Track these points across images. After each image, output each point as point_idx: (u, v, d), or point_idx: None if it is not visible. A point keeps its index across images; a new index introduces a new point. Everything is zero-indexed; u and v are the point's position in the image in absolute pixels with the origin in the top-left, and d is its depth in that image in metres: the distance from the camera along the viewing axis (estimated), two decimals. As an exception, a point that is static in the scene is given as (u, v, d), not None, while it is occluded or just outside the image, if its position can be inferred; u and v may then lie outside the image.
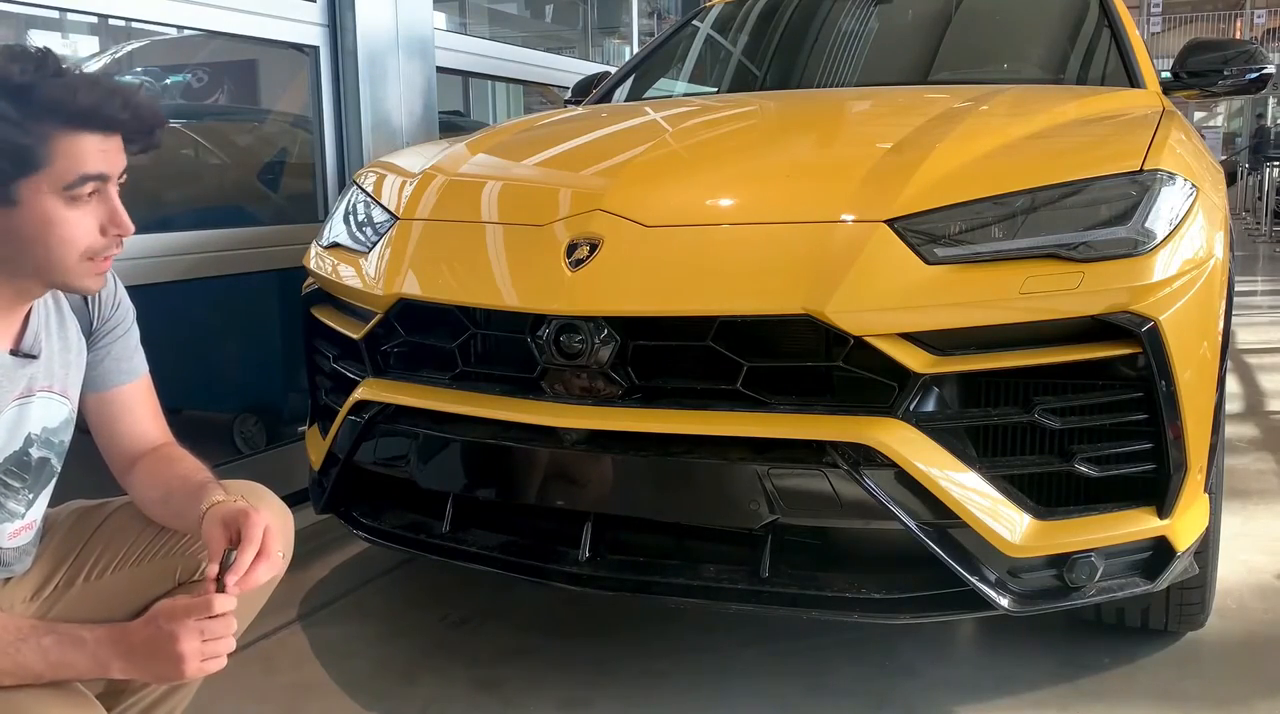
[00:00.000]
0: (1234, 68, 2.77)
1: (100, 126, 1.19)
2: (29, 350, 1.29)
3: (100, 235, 1.23)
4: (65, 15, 2.70)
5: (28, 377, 1.29)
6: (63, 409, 1.37)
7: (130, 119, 1.21)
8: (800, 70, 3.16)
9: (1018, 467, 1.65)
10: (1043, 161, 1.83)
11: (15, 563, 1.35)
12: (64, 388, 1.37)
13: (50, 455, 1.36)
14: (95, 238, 1.22)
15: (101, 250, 1.24)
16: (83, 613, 1.40)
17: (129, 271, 2.34)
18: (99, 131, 1.19)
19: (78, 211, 1.20)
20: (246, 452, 2.89)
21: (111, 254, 1.26)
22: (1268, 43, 19.16)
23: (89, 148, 1.18)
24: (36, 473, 1.34)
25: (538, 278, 1.78)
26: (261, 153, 3.48)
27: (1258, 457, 3.40)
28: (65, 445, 1.39)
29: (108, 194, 1.22)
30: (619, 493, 1.77)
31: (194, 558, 1.43)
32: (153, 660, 1.16)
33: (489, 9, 6.92)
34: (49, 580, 1.41)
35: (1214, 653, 2.06)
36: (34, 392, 1.31)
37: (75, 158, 1.17)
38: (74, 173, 1.17)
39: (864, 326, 1.59)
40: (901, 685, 1.96)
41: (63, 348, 1.36)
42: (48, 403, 1.34)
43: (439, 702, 1.93)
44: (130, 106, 1.21)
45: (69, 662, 1.16)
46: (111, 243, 1.24)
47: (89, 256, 1.23)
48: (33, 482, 1.33)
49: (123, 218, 1.23)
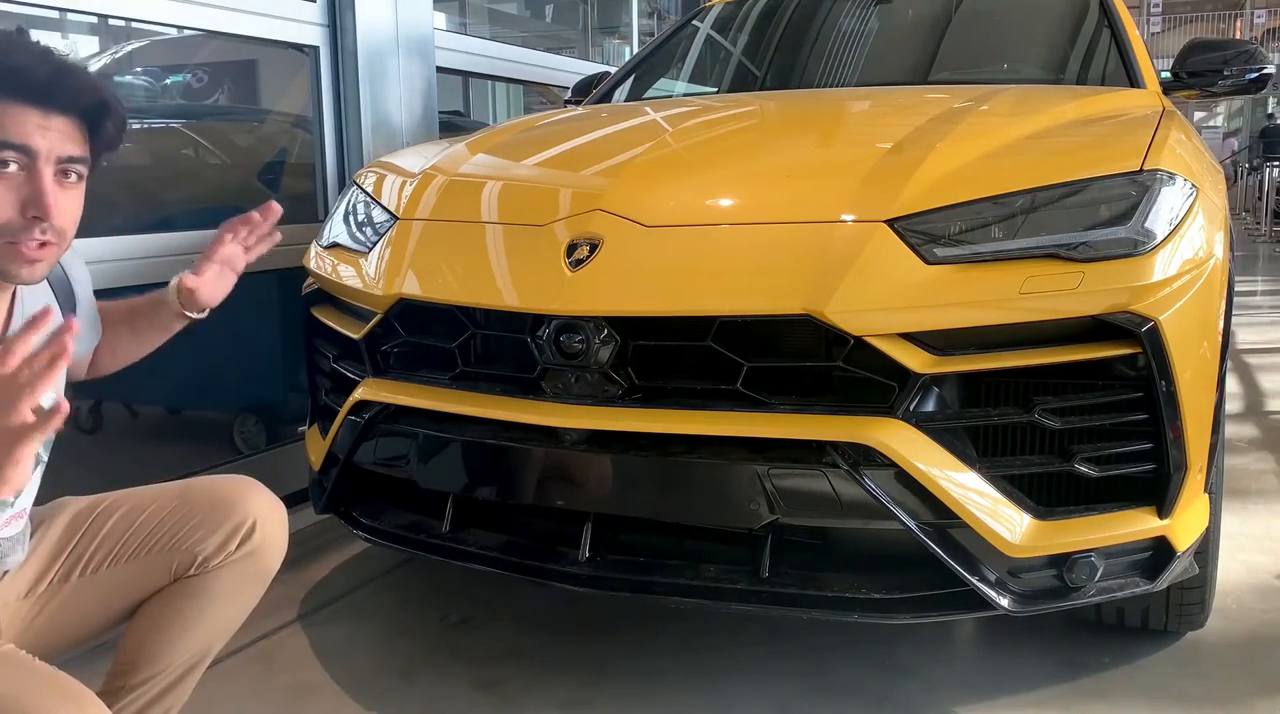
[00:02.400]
0: (1234, 68, 2.77)
1: (29, 95, 1.15)
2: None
3: (19, 215, 1.17)
4: (65, 15, 2.70)
5: None
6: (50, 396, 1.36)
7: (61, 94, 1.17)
8: (800, 70, 3.16)
9: (1018, 467, 1.65)
10: (1043, 161, 1.83)
11: (9, 554, 1.35)
12: None
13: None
14: (12, 216, 1.17)
15: (21, 232, 1.18)
16: (79, 608, 1.41)
17: (129, 272, 2.35)
18: (31, 103, 1.15)
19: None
20: (246, 452, 2.89)
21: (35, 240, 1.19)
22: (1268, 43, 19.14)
23: (20, 118, 1.14)
24: None
25: (538, 278, 1.78)
26: (261, 153, 3.48)
27: (1258, 457, 3.40)
28: (51, 437, 1.38)
29: (36, 173, 1.17)
30: (619, 493, 1.77)
31: (189, 552, 1.43)
32: None
33: (489, 9, 6.92)
34: (43, 576, 1.41)
35: (1214, 653, 2.06)
36: None
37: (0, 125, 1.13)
38: None
39: (864, 327, 1.59)
40: (901, 685, 1.96)
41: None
42: None
43: (439, 701, 1.93)
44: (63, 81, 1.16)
45: None
46: (32, 226, 1.18)
47: (8, 238, 1.18)
48: None
49: (45, 200, 1.17)
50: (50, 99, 1.17)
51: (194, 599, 1.45)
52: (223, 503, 1.46)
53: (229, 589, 1.46)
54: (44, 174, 1.18)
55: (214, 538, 1.44)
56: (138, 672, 1.44)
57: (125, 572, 1.43)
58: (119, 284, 2.30)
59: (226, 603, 1.48)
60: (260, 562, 1.48)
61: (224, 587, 1.46)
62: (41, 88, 1.15)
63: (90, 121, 1.23)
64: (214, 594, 1.45)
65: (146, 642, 1.45)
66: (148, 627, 1.45)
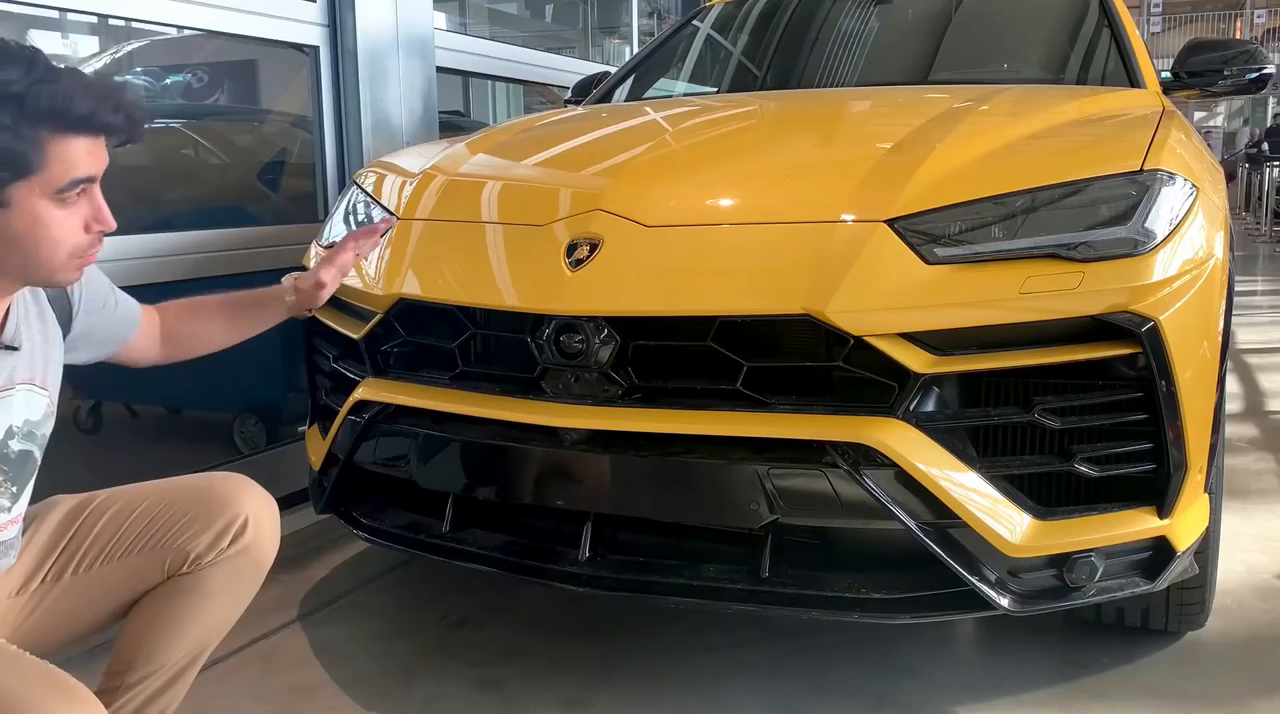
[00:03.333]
0: (1234, 68, 2.77)
1: (93, 131, 1.22)
2: (10, 342, 1.30)
3: (85, 232, 1.26)
4: (65, 15, 2.70)
5: (9, 369, 1.30)
6: (43, 401, 1.37)
7: (123, 121, 1.24)
8: (800, 70, 3.15)
9: (1018, 467, 1.65)
10: (1043, 161, 1.83)
11: (2, 558, 1.35)
12: (44, 380, 1.37)
13: (32, 448, 1.36)
14: (81, 236, 1.26)
15: (87, 247, 1.27)
16: (71, 606, 1.41)
17: (130, 271, 2.35)
18: (90, 135, 1.22)
19: (65, 211, 1.23)
20: (246, 452, 2.89)
21: (95, 249, 1.29)
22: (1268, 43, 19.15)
23: (80, 151, 1.21)
24: (19, 466, 1.34)
25: (538, 278, 1.78)
26: (261, 153, 3.48)
27: (1258, 457, 3.40)
28: (46, 438, 1.39)
29: (93, 193, 1.26)
30: (619, 493, 1.77)
31: (181, 550, 1.44)
32: None
33: (489, 9, 6.92)
34: (35, 574, 1.41)
35: (1214, 653, 2.06)
36: (15, 385, 1.31)
37: (67, 162, 1.20)
38: (66, 177, 1.20)
39: (864, 326, 1.59)
40: (901, 685, 1.96)
41: (42, 340, 1.37)
42: (29, 396, 1.34)
43: (439, 701, 1.93)
44: (122, 109, 1.24)
45: None
46: (95, 239, 1.28)
47: (76, 255, 1.26)
48: (15, 475, 1.33)
49: (106, 215, 1.27)
50: (112, 132, 1.25)
51: (188, 597, 1.45)
52: (214, 500, 1.46)
53: (222, 586, 1.47)
54: (98, 192, 1.26)
55: (206, 535, 1.44)
56: (134, 670, 1.44)
57: (118, 569, 1.43)
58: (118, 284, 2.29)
59: (220, 600, 1.48)
60: (253, 558, 1.48)
61: (217, 584, 1.46)
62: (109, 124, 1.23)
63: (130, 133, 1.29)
64: (207, 591, 1.46)
65: (142, 640, 1.45)
66: (142, 625, 1.45)
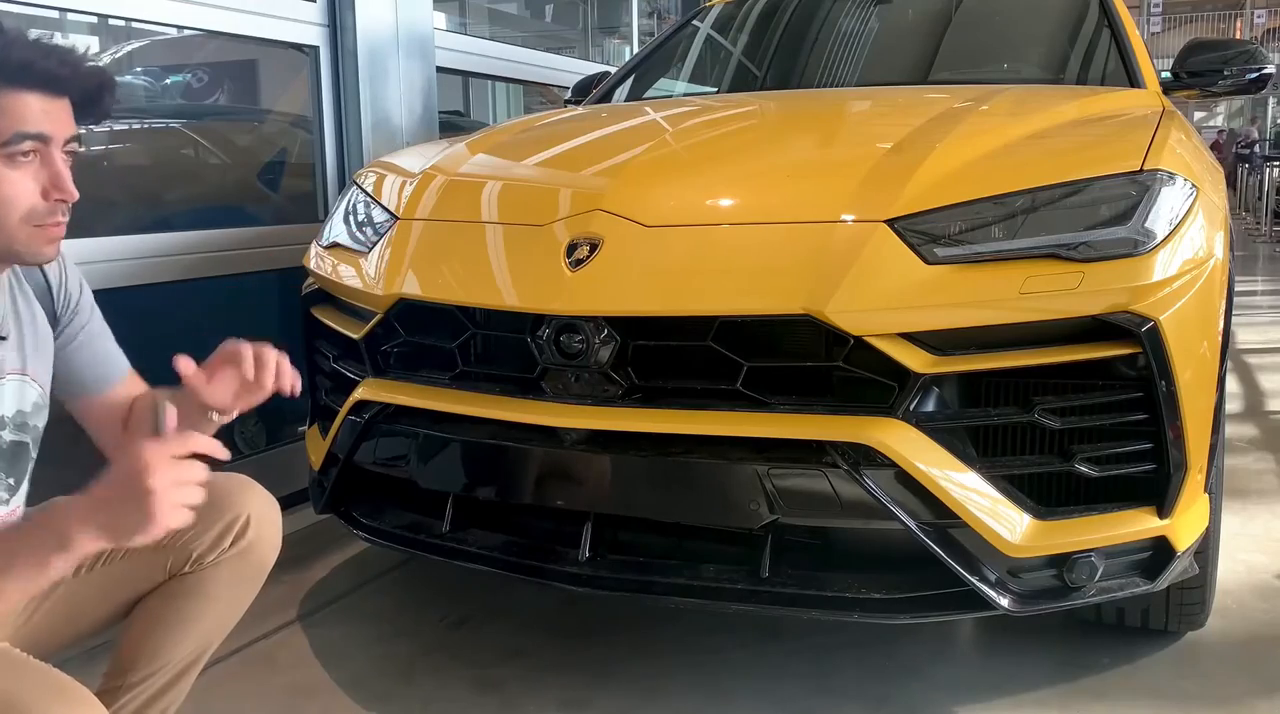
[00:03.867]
0: (1234, 68, 2.77)
1: (38, 84, 1.18)
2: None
3: (42, 199, 1.21)
4: (65, 15, 2.70)
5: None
6: (34, 392, 1.37)
7: (70, 76, 1.21)
8: (800, 70, 3.15)
9: (1018, 467, 1.65)
10: (1043, 161, 1.83)
11: None
12: (34, 372, 1.36)
13: (27, 440, 1.35)
14: (36, 200, 1.21)
15: (45, 215, 1.22)
16: (73, 606, 1.41)
17: (130, 272, 2.35)
18: (39, 90, 1.18)
19: (17, 172, 1.19)
20: (246, 452, 2.89)
21: (59, 221, 1.25)
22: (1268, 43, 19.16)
23: (30, 106, 1.18)
24: (13, 458, 1.33)
25: (538, 278, 1.78)
26: (261, 153, 3.48)
27: (1258, 457, 3.40)
28: (40, 431, 1.38)
29: (50, 157, 1.21)
30: (619, 493, 1.77)
31: (183, 550, 1.43)
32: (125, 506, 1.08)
33: (489, 9, 6.92)
34: None
35: (1214, 653, 2.06)
36: (4, 374, 1.30)
37: (13, 115, 1.17)
38: (10, 130, 1.16)
39: (864, 326, 1.59)
40: (902, 686, 1.96)
41: (31, 332, 1.36)
42: (20, 386, 1.33)
43: (438, 702, 1.93)
44: (69, 64, 1.20)
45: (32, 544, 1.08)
46: (55, 208, 1.23)
47: (32, 221, 1.22)
48: (9, 467, 1.33)
49: (65, 182, 1.22)
50: (58, 85, 1.20)
51: (189, 597, 1.45)
52: (216, 500, 1.46)
53: (224, 586, 1.46)
54: (56, 157, 1.21)
55: (208, 535, 1.44)
56: (135, 670, 1.44)
57: (119, 570, 1.43)
58: (117, 284, 2.30)
59: (222, 600, 1.47)
60: (255, 558, 1.48)
61: (219, 584, 1.46)
62: (50, 74, 1.19)
63: (91, 99, 1.26)
64: (209, 591, 1.45)
65: (143, 640, 1.45)
66: (144, 625, 1.45)
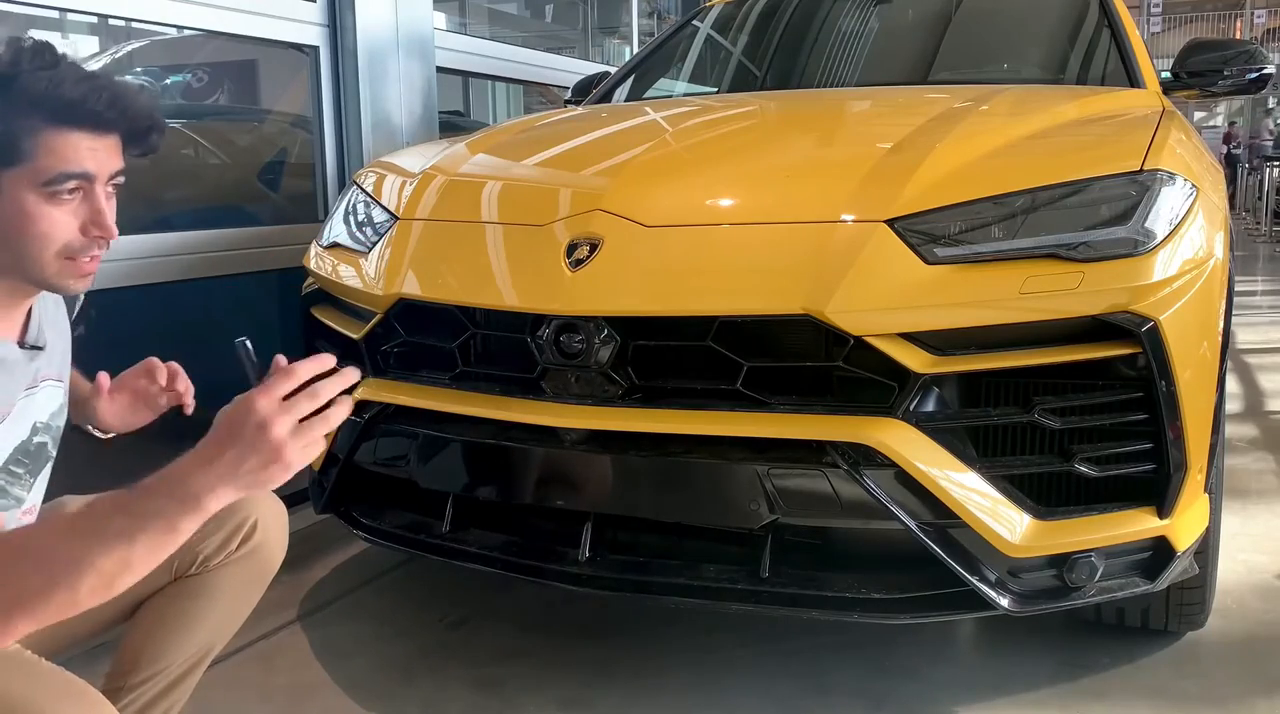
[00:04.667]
0: (1234, 68, 2.77)
1: (87, 124, 1.17)
2: (35, 342, 1.30)
3: (81, 235, 1.20)
4: (65, 15, 2.70)
5: (36, 368, 1.30)
6: (60, 394, 1.39)
7: (117, 118, 1.19)
8: (800, 70, 3.16)
9: (1018, 467, 1.65)
10: (1043, 161, 1.83)
11: None
12: (61, 374, 1.38)
13: (48, 440, 1.37)
14: (74, 236, 1.20)
15: (81, 251, 1.21)
16: None
17: (130, 272, 2.35)
18: (87, 129, 1.17)
19: (58, 209, 1.18)
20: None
21: (94, 256, 1.23)
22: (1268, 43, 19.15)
23: (76, 145, 1.17)
24: (36, 457, 1.34)
25: (538, 278, 1.78)
26: (261, 153, 3.48)
27: (1258, 457, 3.40)
28: (61, 429, 1.40)
29: (93, 194, 1.20)
30: (619, 493, 1.77)
31: (190, 550, 1.43)
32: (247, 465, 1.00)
33: (489, 9, 6.92)
34: None
35: (1214, 653, 2.06)
36: (39, 382, 1.32)
37: (58, 154, 1.16)
38: (55, 169, 1.15)
39: (864, 326, 1.59)
40: (901, 686, 1.96)
41: (60, 336, 1.38)
42: (52, 391, 1.35)
43: (438, 702, 1.93)
44: (119, 106, 1.19)
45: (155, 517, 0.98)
46: (92, 244, 1.22)
47: (67, 256, 1.21)
48: (33, 466, 1.34)
49: (105, 220, 1.21)
50: (106, 125, 1.19)
51: (195, 598, 1.45)
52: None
53: (230, 588, 1.47)
54: (99, 194, 1.20)
55: (215, 537, 1.44)
56: (138, 671, 1.44)
57: None
58: (117, 284, 2.30)
59: (227, 602, 1.48)
60: (261, 560, 1.48)
61: (225, 585, 1.46)
62: (99, 116, 1.18)
63: (138, 137, 1.25)
64: (214, 593, 1.46)
65: (147, 641, 1.45)
66: (148, 626, 1.45)
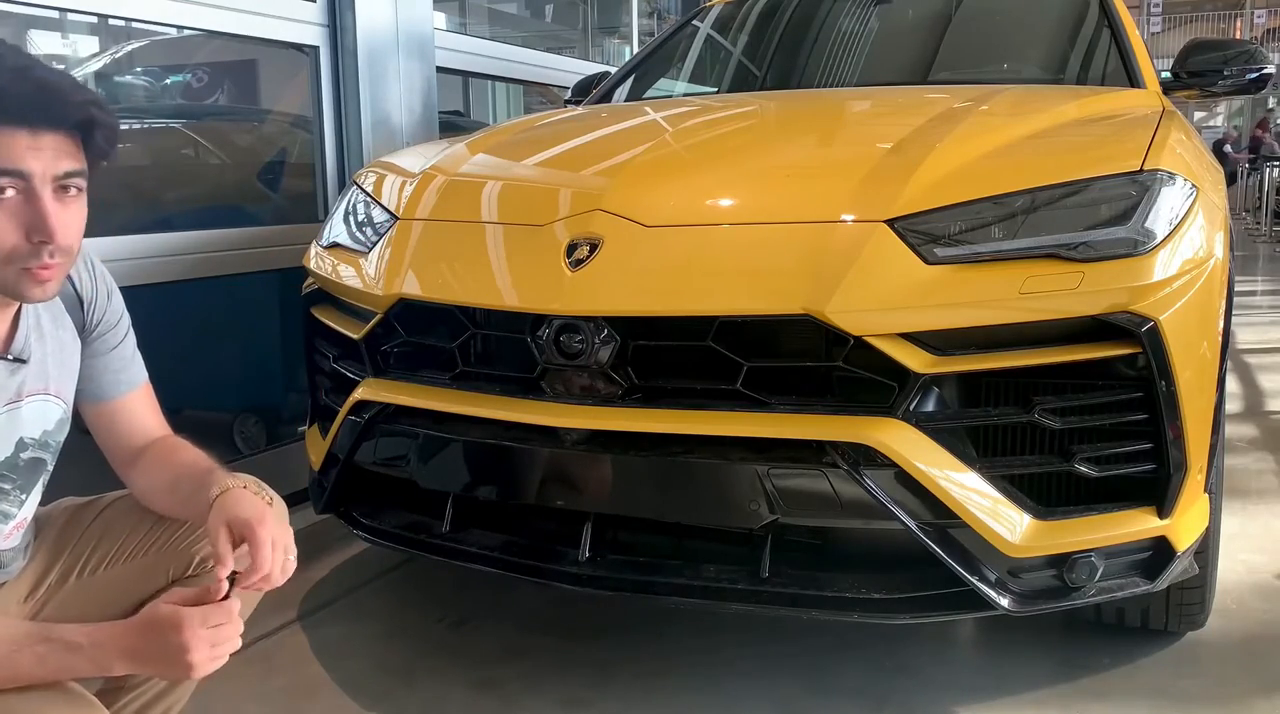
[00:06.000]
0: (1234, 68, 2.78)
1: (16, 118, 1.10)
2: (19, 354, 1.27)
3: (24, 240, 1.13)
4: (65, 15, 2.70)
5: (18, 382, 1.27)
6: (57, 410, 1.36)
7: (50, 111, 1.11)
8: (800, 70, 3.15)
9: (1018, 467, 1.65)
10: (1043, 161, 1.83)
11: (10, 564, 1.35)
12: (58, 389, 1.35)
13: (45, 456, 1.35)
14: (17, 241, 1.12)
15: (27, 257, 1.14)
16: (76, 610, 1.40)
17: (129, 271, 2.35)
18: (17, 124, 1.10)
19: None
20: (246, 451, 2.89)
21: (47, 263, 1.15)
22: (1268, 43, 19.15)
23: (8, 141, 1.09)
24: (28, 473, 1.32)
25: (538, 278, 1.78)
26: (261, 153, 3.48)
27: (1258, 457, 3.40)
28: (60, 444, 1.38)
29: (34, 195, 1.12)
30: (619, 493, 1.77)
31: (186, 554, 1.43)
32: (158, 661, 1.15)
33: (489, 9, 6.91)
34: (43, 578, 1.41)
35: (1214, 653, 2.06)
36: (23, 396, 1.28)
37: None
38: None
39: (864, 327, 1.59)
40: (901, 686, 1.96)
41: (56, 349, 1.34)
42: (43, 406, 1.32)
43: (438, 702, 1.93)
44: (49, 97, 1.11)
45: (67, 666, 1.14)
46: (38, 250, 1.14)
47: (15, 263, 1.14)
48: (24, 482, 1.32)
49: (48, 224, 1.13)
50: (37, 118, 1.11)
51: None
52: None
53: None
54: (42, 195, 1.13)
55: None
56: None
57: (123, 573, 1.43)
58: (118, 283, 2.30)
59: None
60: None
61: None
62: (26, 107, 1.10)
63: (82, 134, 1.18)
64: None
65: None
66: None
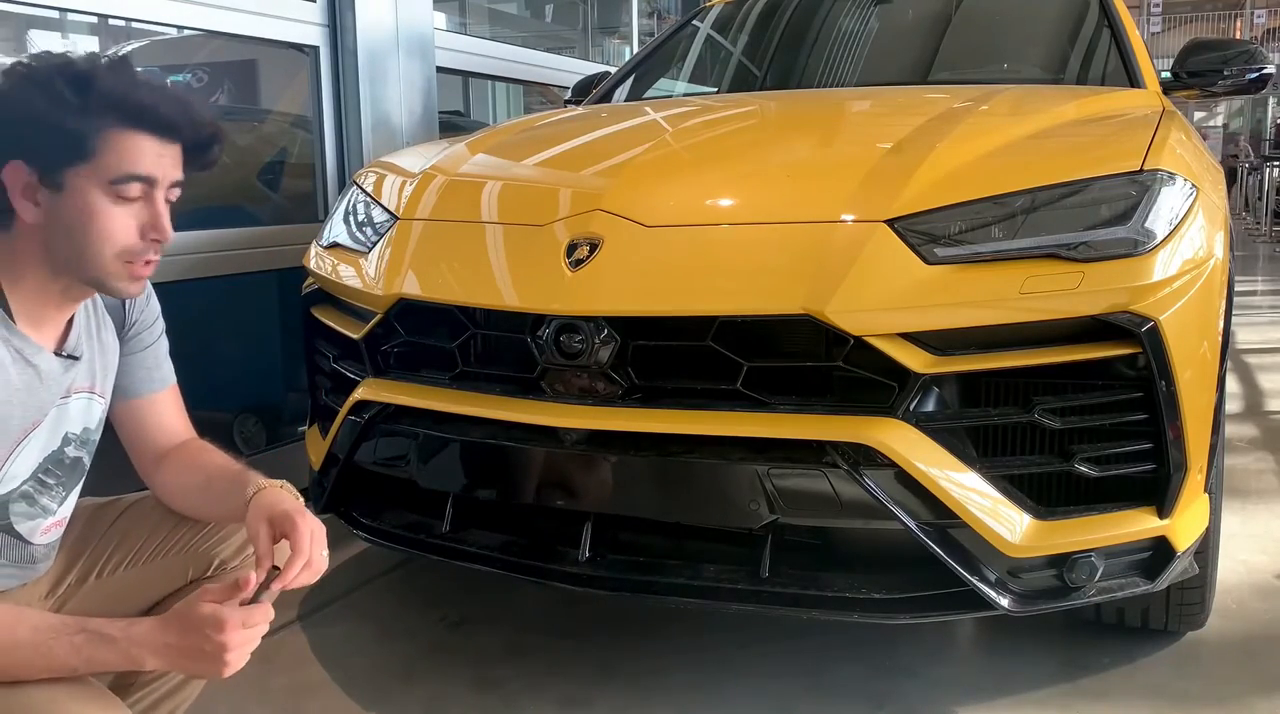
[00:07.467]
0: (1234, 68, 2.78)
1: (156, 128, 1.21)
2: (72, 352, 1.31)
3: (139, 238, 1.23)
4: (65, 15, 2.70)
5: (70, 378, 1.31)
6: (98, 408, 1.39)
7: (185, 127, 1.23)
8: (800, 70, 3.16)
9: (1018, 467, 1.65)
10: (1043, 161, 1.83)
11: (43, 560, 1.37)
12: (101, 388, 1.39)
13: (84, 454, 1.37)
14: (133, 238, 1.23)
15: (139, 253, 1.24)
16: (95, 608, 1.41)
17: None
18: (155, 134, 1.21)
19: (119, 208, 1.21)
20: (246, 451, 2.89)
21: (150, 260, 1.26)
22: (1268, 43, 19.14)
23: (144, 148, 1.20)
24: (70, 470, 1.35)
25: (538, 278, 1.78)
26: (261, 153, 3.48)
27: (1258, 457, 3.40)
28: (96, 442, 1.41)
29: (154, 198, 1.23)
30: (619, 493, 1.77)
31: (206, 556, 1.44)
32: (193, 658, 1.19)
33: (489, 9, 6.91)
34: (63, 577, 1.42)
35: (1214, 653, 2.06)
36: (72, 393, 1.32)
37: (127, 155, 1.19)
38: (122, 169, 1.19)
39: (864, 326, 1.59)
40: (901, 686, 1.96)
41: (100, 350, 1.38)
42: (87, 403, 1.36)
43: (438, 702, 1.93)
44: (187, 113, 1.23)
45: (100, 658, 1.16)
46: (149, 247, 1.25)
47: (125, 258, 1.23)
48: (66, 479, 1.35)
49: (163, 224, 1.24)
50: (173, 131, 1.23)
51: None
52: None
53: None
54: (160, 199, 1.24)
55: (233, 540, 1.45)
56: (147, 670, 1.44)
57: (143, 573, 1.44)
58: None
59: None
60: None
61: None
62: (165, 121, 1.22)
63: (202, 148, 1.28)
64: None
65: None
66: None
